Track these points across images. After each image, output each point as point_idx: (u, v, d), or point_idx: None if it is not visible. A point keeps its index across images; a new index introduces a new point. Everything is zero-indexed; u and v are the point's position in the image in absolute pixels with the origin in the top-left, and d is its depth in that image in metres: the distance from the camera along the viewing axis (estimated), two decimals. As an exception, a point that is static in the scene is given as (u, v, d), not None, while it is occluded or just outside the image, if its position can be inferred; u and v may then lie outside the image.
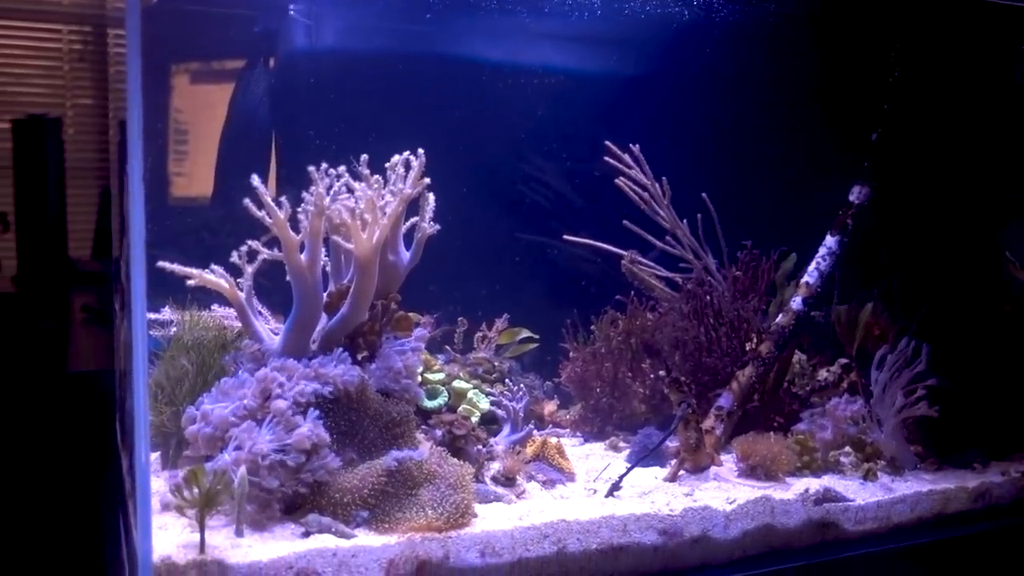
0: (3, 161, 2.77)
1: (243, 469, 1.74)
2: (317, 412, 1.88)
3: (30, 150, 2.89)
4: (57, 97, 2.84)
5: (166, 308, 2.33)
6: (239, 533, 1.74)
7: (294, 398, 1.88)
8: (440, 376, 2.31)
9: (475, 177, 2.86)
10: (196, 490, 1.67)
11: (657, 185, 2.76)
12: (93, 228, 3.19)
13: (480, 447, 2.13)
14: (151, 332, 2.32)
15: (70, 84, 2.88)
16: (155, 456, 2.19)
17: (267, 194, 1.96)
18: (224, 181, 2.76)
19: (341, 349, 2.06)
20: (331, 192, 2.04)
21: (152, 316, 2.33)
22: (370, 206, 2.01)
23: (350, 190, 2.06)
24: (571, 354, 2.72)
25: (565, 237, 2.85)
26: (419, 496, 1.86)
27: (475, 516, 1.87)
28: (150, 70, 1.60)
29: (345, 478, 1.86)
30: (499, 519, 1.89)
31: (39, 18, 2.96)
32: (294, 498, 1.84)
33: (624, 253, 2.79)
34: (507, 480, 2.12)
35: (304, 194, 2.02)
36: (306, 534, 1.74)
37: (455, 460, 1.97)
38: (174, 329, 2.25)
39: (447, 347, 2.60)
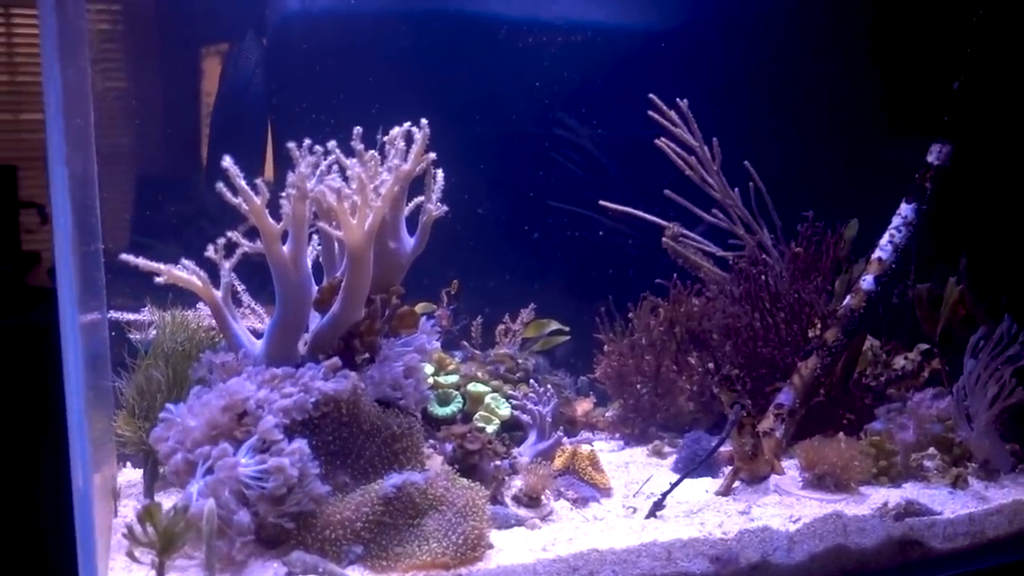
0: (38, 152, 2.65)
1: (211, 502, 1.49)
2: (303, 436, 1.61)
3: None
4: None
5: (147, 308, 2.08)
6: (210, 577, 1.49)
7: (276, 415, 1.61)
8: (453, 379, 2.04)
9: (494, 150, 2.60)
10: (152, 530, 1.41)
11: (706, 148, 2.46)
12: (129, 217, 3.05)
13: (498, 462, 1.85)
14: (131, 335, 2.09)
15: (99, 67, 2.72)
16: (138, 476, 1.96)
17: (240, 177, 1.71)
18: (219, 164, 2.52)
19: (333, 354, 1.79)
20: (318, 172, 1.79)
21: (132, 317, 2.11)
22: (360, 186, 1.73)
23: (342, 169, 1.79)
24: (606, 347, 2.46)
25: (602, 203, 2.56)
26: (423, 526, 1.61)
27: (490, 548, 1.65)
28: (121, 40, 1.35)
29: (335, 508, 1.62)
30: (519, 550, 1.67)
31: (64, -2, 2.81)
32: (277, 532, 1.58)
33: (667, 225, 2.50)
34: (531, 500, 1.86)
35: (289, 174, 1.76)
36: (289, 575, 1.51)
37: (465, 481, 1.71)
38: (154, 332, 2.00)
39: (464, 343, 2.31)
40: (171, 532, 1.44)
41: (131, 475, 2.12)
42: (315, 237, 1.96)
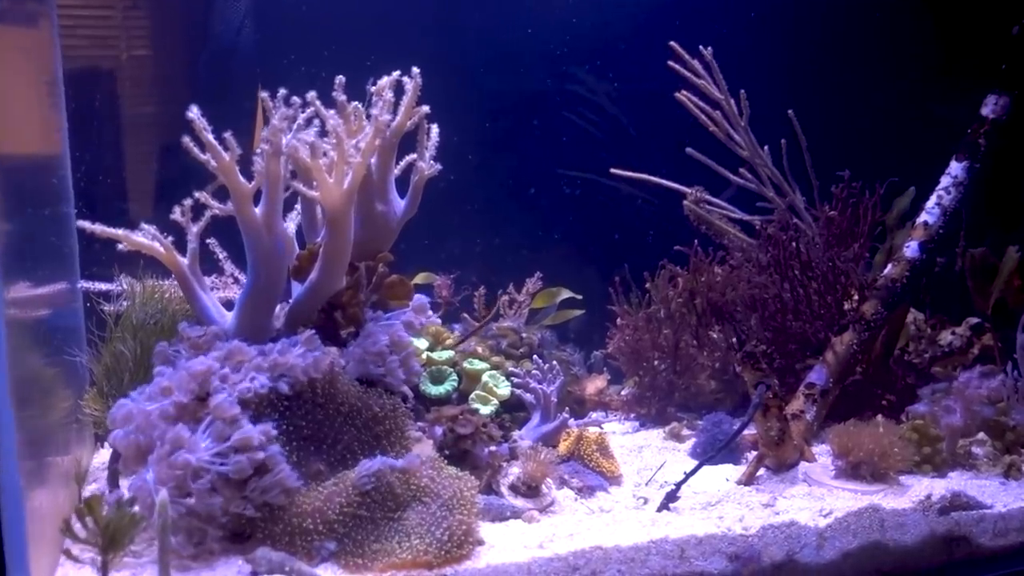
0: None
1: (163, 493, 1.33)
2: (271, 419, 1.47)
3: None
4: (110, 48, 2.57)
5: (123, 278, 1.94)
6: (164, 576, 1.34)
7: (239, 395, 1.46)
8: (448, 355, 1.86)
9: (499, 105, 2.49)
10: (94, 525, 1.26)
11: (732, 101, 2.33)
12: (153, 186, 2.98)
13: (493, 448, 1.69)
14: (105, 307, 1.95)
15: (124, 34, 2.61)
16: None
17: (207, 130, 1.57)
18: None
19: (312, 327, 1.66)
20: (295, 126, 1.65)
21: (104, 287, 1.97)
22: (337, 141, 1.56)
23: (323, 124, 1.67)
24: (620, 320, 2.33)
25: (613, 171, 2.42)
26: (404, 520, 1.49)
27: (480, 544, 1.52)
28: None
29: (306, 498, 1.48)
30: (513, 546, 1.53)
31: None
32: (241, 524, 1.44)
33: (687, 190, 2.36)
34: (530, 489, 1.72)
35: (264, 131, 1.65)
36: (253, 575, 1.38)
37: (453, 470, 1.58)
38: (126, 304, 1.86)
39: (465, 316, 2.14)
40: (115, 527, 1.29)
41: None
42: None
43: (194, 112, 1.56)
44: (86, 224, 1.60)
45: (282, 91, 1.65)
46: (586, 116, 2.55)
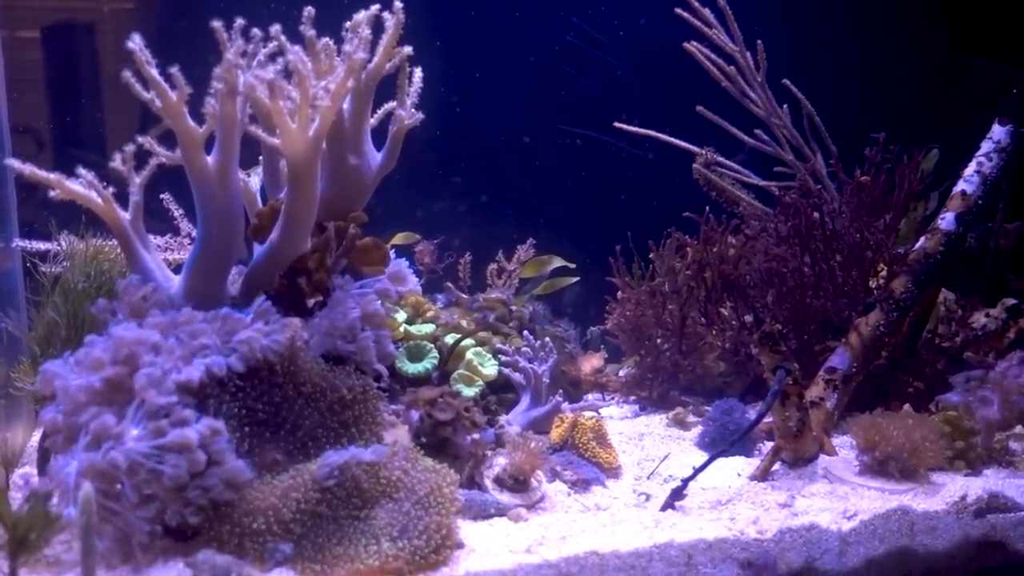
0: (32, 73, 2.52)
1: (87, 487, 1.13)
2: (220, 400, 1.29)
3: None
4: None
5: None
6: (88, 584, 1.15)
7: (180, 376, 1.26)
8: (428, 329, 1.68)
9: (492, 52, 2.29)
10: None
11: (749, 55, 2.16)
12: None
13: (476, 435, 1.51)
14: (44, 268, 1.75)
15: None
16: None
17: (151, 64, 1.36)
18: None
19: (271, 294, 1.48)
20: (255, 62, 1.45)
21: (43, 247, 1.77)
22: (301, 80, 1.36)
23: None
24: (620, 293, 2.19)
25: (616, 125, 2.29)
26: (372, 520, 1.31)
27: (459, 547, 1.36)
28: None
29: (258, 493, 1.29)
30: (498, 550, 1.37)
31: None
32: (181, 524, 1.26)
33: (698, 151, 2.22)
34: (517, 482, 1.54)
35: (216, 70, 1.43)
36: None
37: (430, 462, 1.39)
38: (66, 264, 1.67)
39: (449, 285, 1.95)
40: (27, 527, 1.09)
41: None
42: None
43: (136, 42, 1.34)
44: (14, 163, 1.39)
45: (239, 21, 1.44)
46: (587, 71, 2.39)
